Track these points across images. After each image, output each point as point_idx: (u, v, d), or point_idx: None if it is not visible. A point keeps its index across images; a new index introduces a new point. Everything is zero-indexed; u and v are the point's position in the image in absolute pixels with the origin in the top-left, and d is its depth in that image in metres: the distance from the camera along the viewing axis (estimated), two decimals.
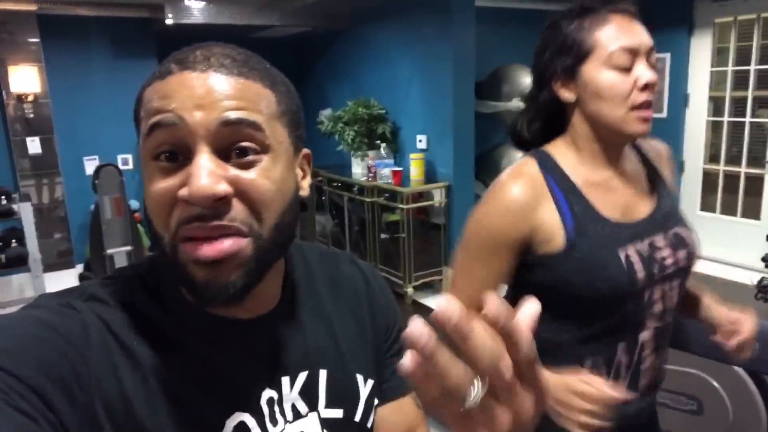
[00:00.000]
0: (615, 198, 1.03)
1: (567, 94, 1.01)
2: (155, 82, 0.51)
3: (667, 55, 4.37)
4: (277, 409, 0.58)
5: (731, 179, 4.29)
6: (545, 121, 1.07)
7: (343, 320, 0.67)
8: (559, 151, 1.04)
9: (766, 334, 1.42)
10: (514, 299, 1.00)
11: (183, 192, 0.47)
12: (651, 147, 1.14)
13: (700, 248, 1.09)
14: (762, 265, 3.40)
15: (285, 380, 0.59)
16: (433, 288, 4.15)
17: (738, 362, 1.58)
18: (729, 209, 4.31)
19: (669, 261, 1.02)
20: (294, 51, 5.68)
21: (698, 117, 4.38)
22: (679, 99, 4.40)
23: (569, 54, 0.98)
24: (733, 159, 4.29)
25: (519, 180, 1.01)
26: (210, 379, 0.54)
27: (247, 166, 0.50)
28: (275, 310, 0.60)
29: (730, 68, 4.21)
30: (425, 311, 3.86)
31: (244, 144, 0.49)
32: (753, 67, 4.06)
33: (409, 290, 3.95)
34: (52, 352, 0.47)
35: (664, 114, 4.48)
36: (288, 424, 0.58)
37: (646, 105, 0.95)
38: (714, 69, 4.30)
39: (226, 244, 0.48)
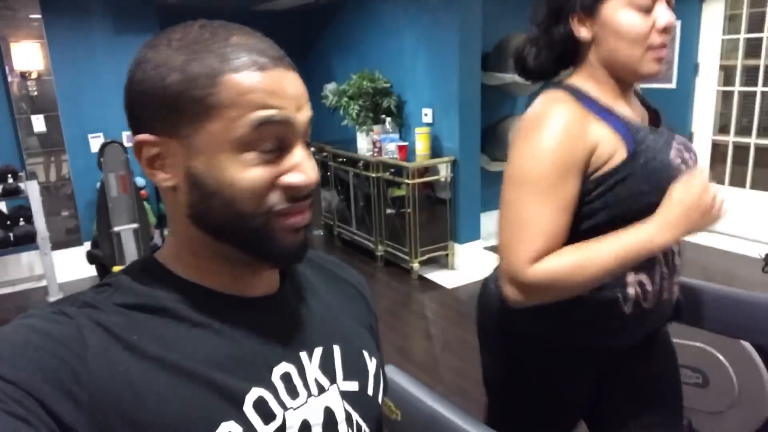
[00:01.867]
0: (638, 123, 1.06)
1: (584, 33, 1.01)
2: (251, 71, 0.52)
3: (678, 23, 4.28)
4: (299, 382, 0.59)
5: (741, 150, 4.23)
6: (555, 55, 1.07)
7: (340, 303, 0.71)
8: (581, 82, 1.05)
9: None
10: (576, 235, 1.00)
11: (295, 179, 0.54)
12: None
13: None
14: None
15: (303, 355, 0.61)
16: (438, 263, 4.16)
17: (744, 336, 1.58)
18: (738, 181, 4.26)
19: (691, 162, 1.09)
20: (297, 23, 5.60)
21: (708, 87, 4.30)
22: (689, 68, 4.32)
23: None
24: (744, 130, 4.22)
25: (559, 104, 0.99)
26: (226, 356, 0.55)
27: (311, 153, 0.58)
28: (280, 290, 0.64)
29: (742, 36, 4.12)
30: (431, 286, 3.88)
31: (308, 135, 0.58)
32: (766, 35, 3.97)
33: (415, 265, 3.96)
34: (48, 356, 0.47)
35: (673, 84, 4.40)
36: (313, 397, 0.60)
37: (662, 46, 0.97)
38: (725, 37, 4.21)
39: (309, 214, 0.58)
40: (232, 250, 0.56)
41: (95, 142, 4.24)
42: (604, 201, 0.99)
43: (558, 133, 0.95)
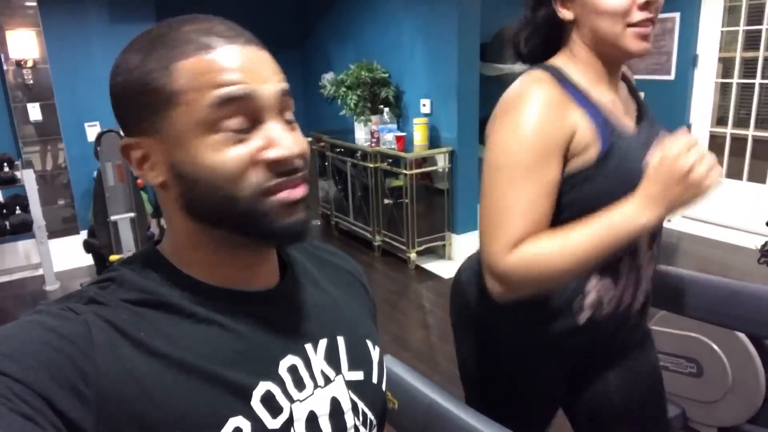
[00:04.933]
0: (621, 113, 1.03)
1: (566, 13, 0.99)
2: (196, 56, 0.52)
3: (677, 15, 4.26)
4: (305, 374, 0.60)
5: (738, 142, 4.24)
6: (543, 38, 1.05)
7: (341, 293, 0.71)
8: (563, 64, 1.02)
9: (766, 300, 1.43)
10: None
11: (273, 154, 0.53)
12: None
13: None
14: (766, 229, 3.39)
15: (308, 347, 0.61)
16: (436, 253, 4.17)
17: (738, 327, 1.59)
18: (735, 173, 4.27)
19: None
20: (295, 12, 5.56)
21: (707, 79, 4.30)
22: (688, 60, 4.31)
23: None
24: (741, 122, 4.23)
25: (539, 85, 0.95)
26: (232, 351, 0.55)
27: (293, 128, 0.57)
28: (282, 283, 0.64)
29: (742, 28, 4.11)
30: (429, 276, 3.89)
31: (289, 110, 0.57)
32: (765, 27, 3.96)
33: (413, 255, 3.97)
34: (55, 354, 0.47)
35: (671, 76, 4.39)
36: (319, 389, 0.60)
37: (645, 22, 0.94)
38: (725, 29, 4.20)
39: (302, 189, 0.56)
40: (231, 235, 0.56)
41: (92, 131, 4.22)
42: (572, 198, 0.95)
43: (537, 114, 0.91)
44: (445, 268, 3.96)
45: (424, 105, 4.10)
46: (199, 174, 0.52)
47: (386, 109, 4.20)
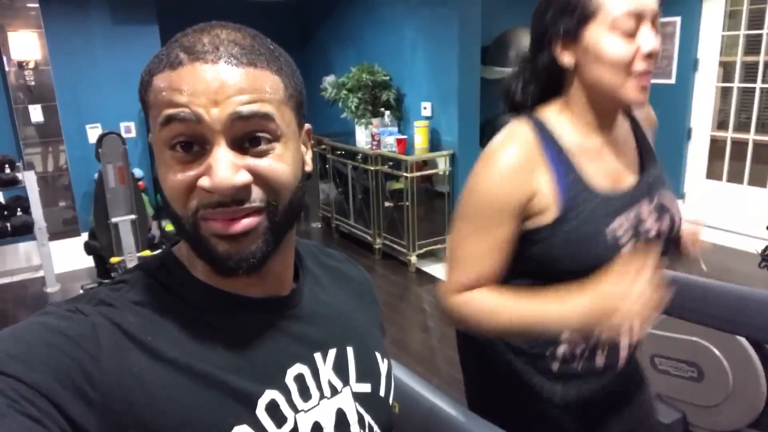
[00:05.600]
0: (605, 166, 1.01)
1: (567, 58, 0.97)
2: (166, 71, 0.51)
3: (678, 19, 4.27)
4: (312, 384, 0.59)
5: (739, 146, 4.24)
6: (541, 85, 1.04)
7: (351, 303, 0.71)
8: (553, 115, 1.01)
9: (765, 303, 1.42)
10: (512, 272, 1.01)
11: (204, 183, 0.50)
12: (641, 111, 1.12)
13: (681, 214, 1.08)
14: (767, 233, 3.39)
15: (318, 356, 0.61)
16: (436, 256, 4.17)
17: (739, 331, 1.59)
18: (735, 177, 4.27)
19: (653, 232, 1.01)
20: (296, 15, 5.57)
21: (708, 82, 4.30)
22: (689, 64, 4.31)
23: (572, 16, 0.95)
24: (742, 126, 4.23)
25: (513, 144, 0.98)
26: (240, 357, 0.55)
27: (262, 154, 0.52)
28: (295, 291, 0.63)
29: (742, 32, 4.11)
30: (429, 279, 3.89)
31: (258, 134, 0.52)
32: (766, 31, 3.97)
33: (413, 258, 3.97)
34: (62, 356, 0.47)
35: (672, 80, 4.39)
36: (326, 399, 0.60)
37: (646, 73, 0.93)
38: (725, 33, 4.20)
39: (246, 222, 0.52)
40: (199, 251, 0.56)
41: (93, 133, 4.22)
42: (530, 253, 0.98)
43: (497, 178, 0.97)
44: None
45: (425, 108, 4.11)
46: (162, 187, 0.54)
47: (387, 112, 4.21)
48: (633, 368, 1.18)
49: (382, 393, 0.67)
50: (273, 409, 0.55)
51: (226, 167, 0.49)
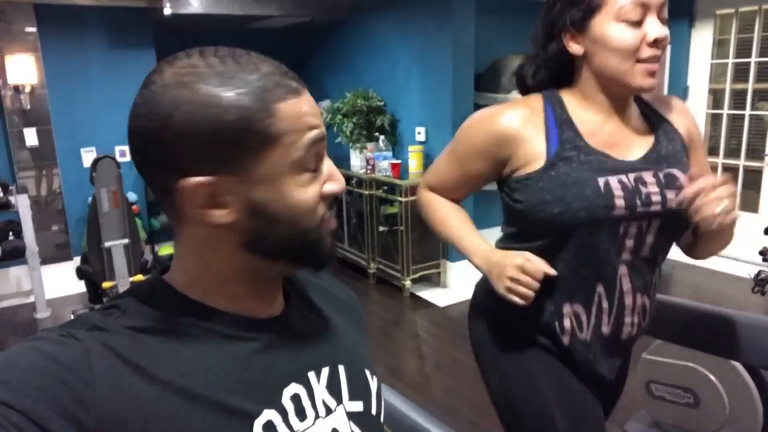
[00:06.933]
0: (610, 138, 1.05)
1: (576, 47, 1.02)
2: (291, 98, 0.55)
3: (667, 47, 4.35)
4: (307, 404, 0.59)
5: (730, 172, 4.28)
6: (552, 72, 1.09)
7: (340, 322, 0.71)
8: (566, 95, 1.07)
9: (762, 329, 1.42)
10: (509, 232, 1.15)
11: (333, 188, 0.59)
12: (664, 101, 1.15)
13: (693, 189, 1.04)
14: (759, 258, 3.40)
15: (311, 375, 0.61)
16: (431, 281, 4.16)
17: (734, 356, 1.58)
18: None
19: (655, 198, 1.02)
20: (292, 41, 5.65)
21: (698, 109, 4.37)
22: (679, 91, 4.38)
23: (579, 7, 0.99)
24: (732, 152, 4.28)
25: (517, 109, 1.07)
26: (237, 378, 0.55)
27: None
28: (287, 310, 0.64)
29: (731, 60, 4.19)
30: (423, 304, 3.87)
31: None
32: (753, 60, 4.05)
33: (407, 283, 3.95)
34: (54, 382, 0.46)
35: None
36: (321, 419, 0.60)
37: (653, 59, 0.97)
38: (714, 61, 4.28)
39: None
40: (287, 265, 0.60)
41: (88, 157, 4.22)
42: (519, 196, 1.06)
43: (486, 132, 1.08)
44: (440, 296, 3.94)
45: (419, 133, 4.14)
46: (285, 211, 0.55)
47: (382, 137, 4.24)
48: (624, 363, 1.24)
49: (374, 411, 0.67)
50: (270, 429, 0.54)
51: (338, 172, 0.60)
